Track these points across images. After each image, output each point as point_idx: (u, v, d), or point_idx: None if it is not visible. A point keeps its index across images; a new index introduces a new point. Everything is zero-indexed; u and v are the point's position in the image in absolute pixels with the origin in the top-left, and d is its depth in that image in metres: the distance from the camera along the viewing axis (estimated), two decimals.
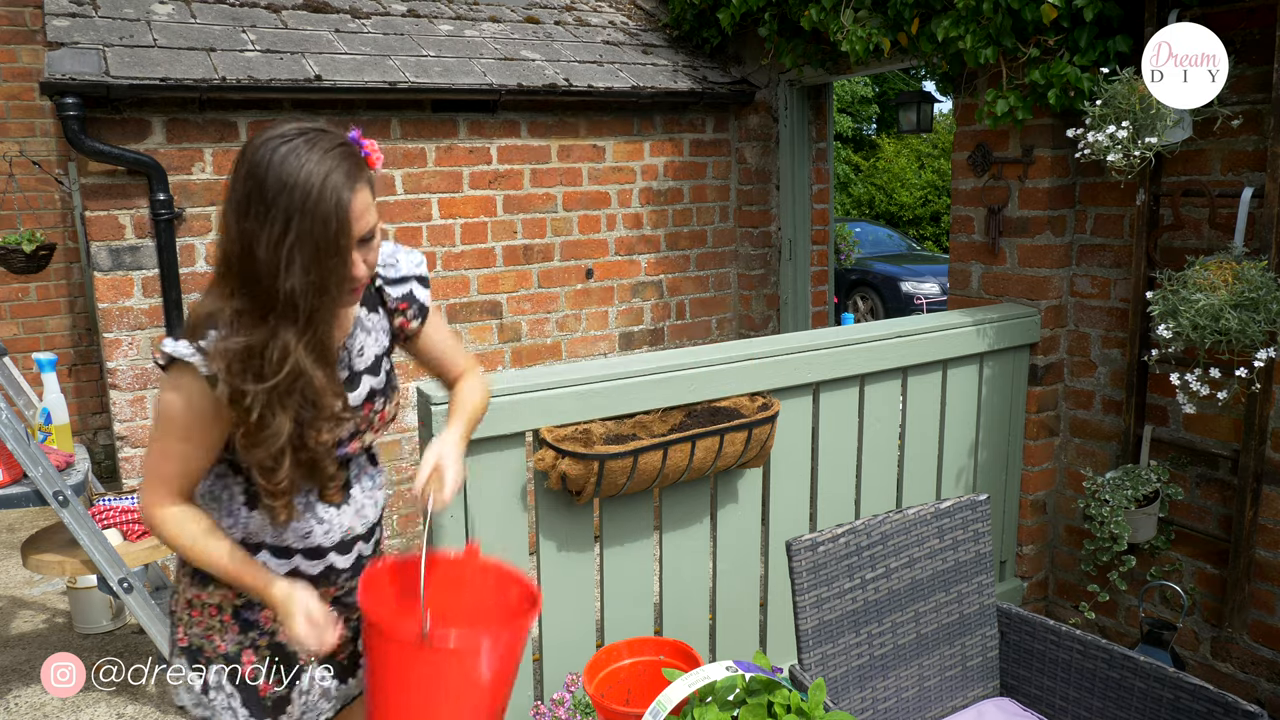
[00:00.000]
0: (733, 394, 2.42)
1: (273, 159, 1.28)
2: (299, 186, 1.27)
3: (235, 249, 1.31)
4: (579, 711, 2.15)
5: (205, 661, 1.56)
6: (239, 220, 1.30)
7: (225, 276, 1.35)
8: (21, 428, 2.48)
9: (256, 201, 1.28)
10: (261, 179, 1.28)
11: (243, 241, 1.29)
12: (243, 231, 1.29)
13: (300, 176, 1.28)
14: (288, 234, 1.27)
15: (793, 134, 4.29)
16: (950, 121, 17.23)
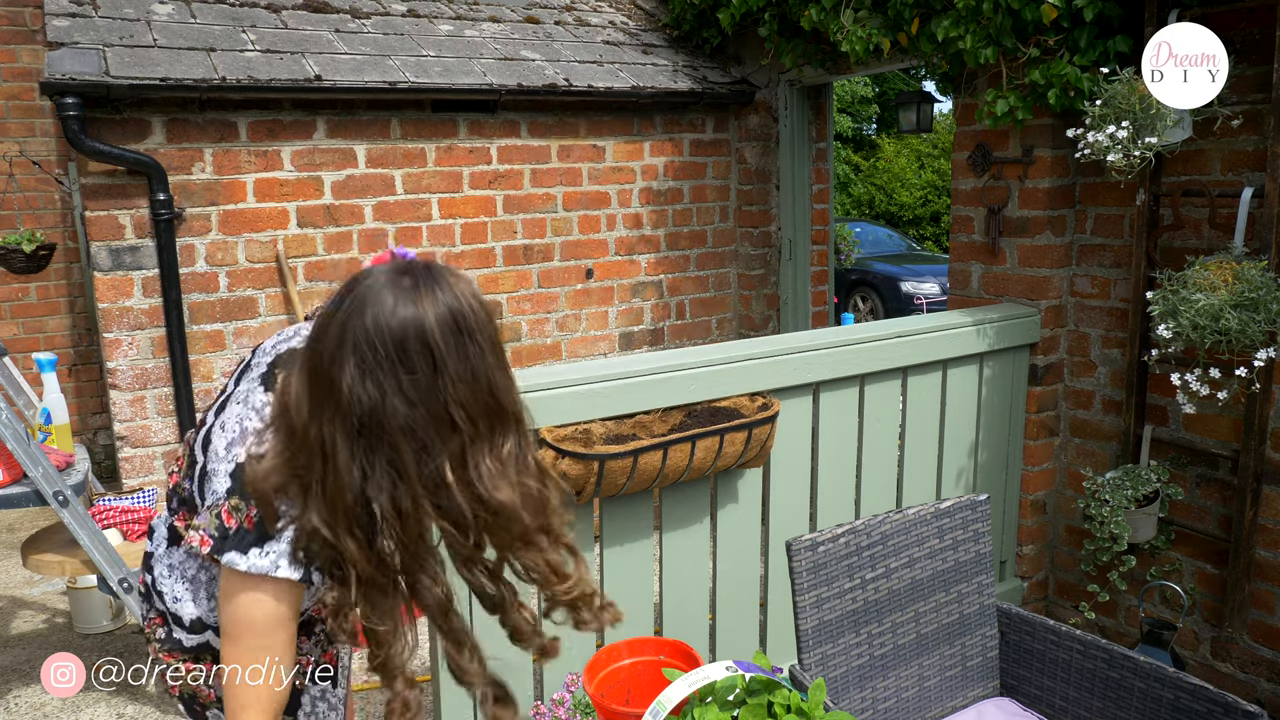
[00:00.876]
0: (733, 394, 2.42)
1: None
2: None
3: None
4: (579, 711, 2.15)
5: (201, 707, 1.49)
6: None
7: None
8: (21, 428, 2.48)
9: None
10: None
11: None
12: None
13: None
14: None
15: (793, 134, 4.29)
16: (950, 121, 17.24)
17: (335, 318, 1.12)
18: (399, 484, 1.12)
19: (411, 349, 1.10)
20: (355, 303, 1.12)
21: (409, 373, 1.10)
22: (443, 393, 1.11)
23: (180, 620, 1.39)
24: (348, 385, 1.09)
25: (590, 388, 2.21)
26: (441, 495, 1.13)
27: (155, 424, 3.36)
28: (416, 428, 1.10)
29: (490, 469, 1.14)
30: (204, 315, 3.41)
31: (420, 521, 1.14)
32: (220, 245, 3.40)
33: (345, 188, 3.61)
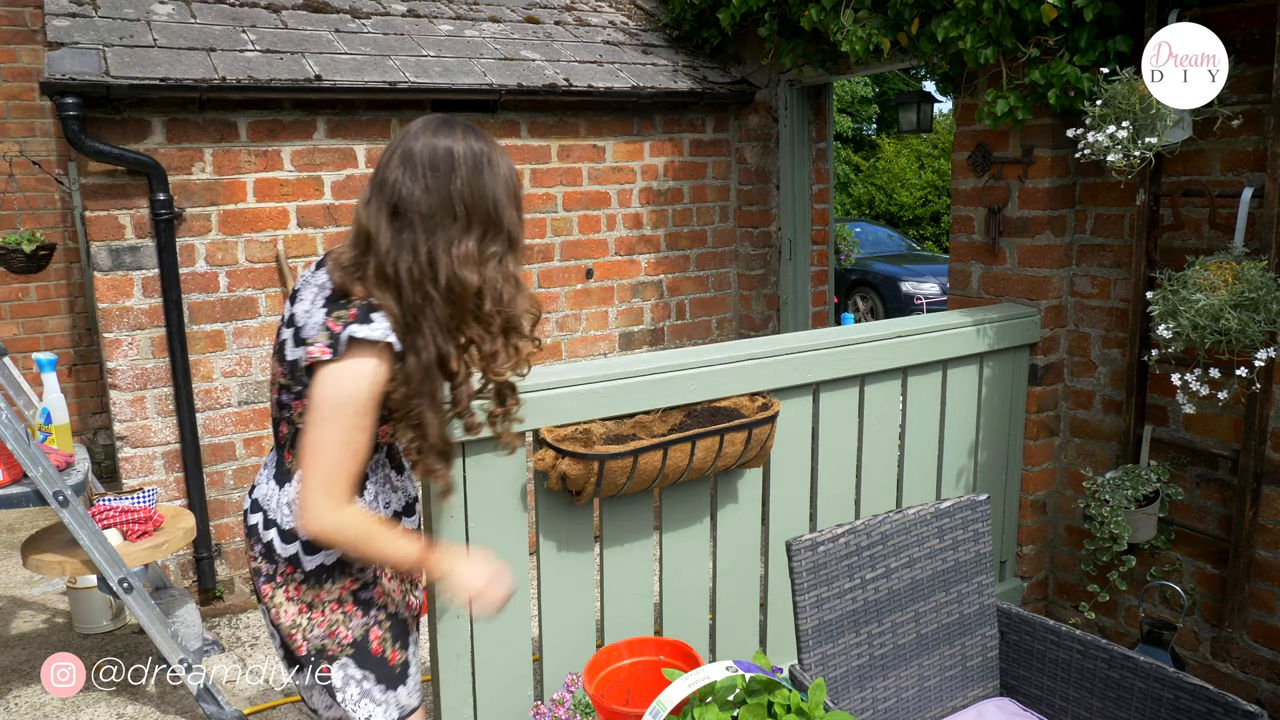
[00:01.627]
0: (733, 394, 2.42)
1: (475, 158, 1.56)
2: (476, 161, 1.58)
3: (478, 202, 1.55)
4: (579, 711, 2.15)
5: (329, 661, 1.65)
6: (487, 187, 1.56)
7: (471, 222, 1.57)
8: (21, 428, 2.48)
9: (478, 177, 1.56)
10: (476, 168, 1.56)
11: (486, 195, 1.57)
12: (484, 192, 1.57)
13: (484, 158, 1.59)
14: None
15: (793, 134, 4.29)
16: (950, 121, 17.23)
17: (393, 141, 1.56)
18: (413, 257, 1.49)
19: (440, 160, 1.51)
20: (410, 131, 1.55)
21: (434, 171, 1.51)
22: (451, 189, 1.51)
23: (300, 538, 1.61)
24: (392, 179, 1.51)
25: (590, 388, 2.21)
26: (435, 266, 1.50)
27: (155, 424, 3.36)
28: (430, 214, 1.50)
29: (468, 253, 1.51)
30: (204, 315, 3.41)
31: (424, 288, 1.50)
32: (220, 245, 3.40)
33: (345, 188, 3.61)
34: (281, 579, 1.63)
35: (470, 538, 2.13)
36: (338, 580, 1.64)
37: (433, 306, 1.50)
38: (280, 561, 1.63)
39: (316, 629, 1.63)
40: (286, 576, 1.63)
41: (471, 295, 1.52)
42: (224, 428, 3.49)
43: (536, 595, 2.29)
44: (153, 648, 3.14)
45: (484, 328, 1.57)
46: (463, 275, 1.50)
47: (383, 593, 1.69)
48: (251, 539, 1.67)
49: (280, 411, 1.61)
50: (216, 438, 3.48)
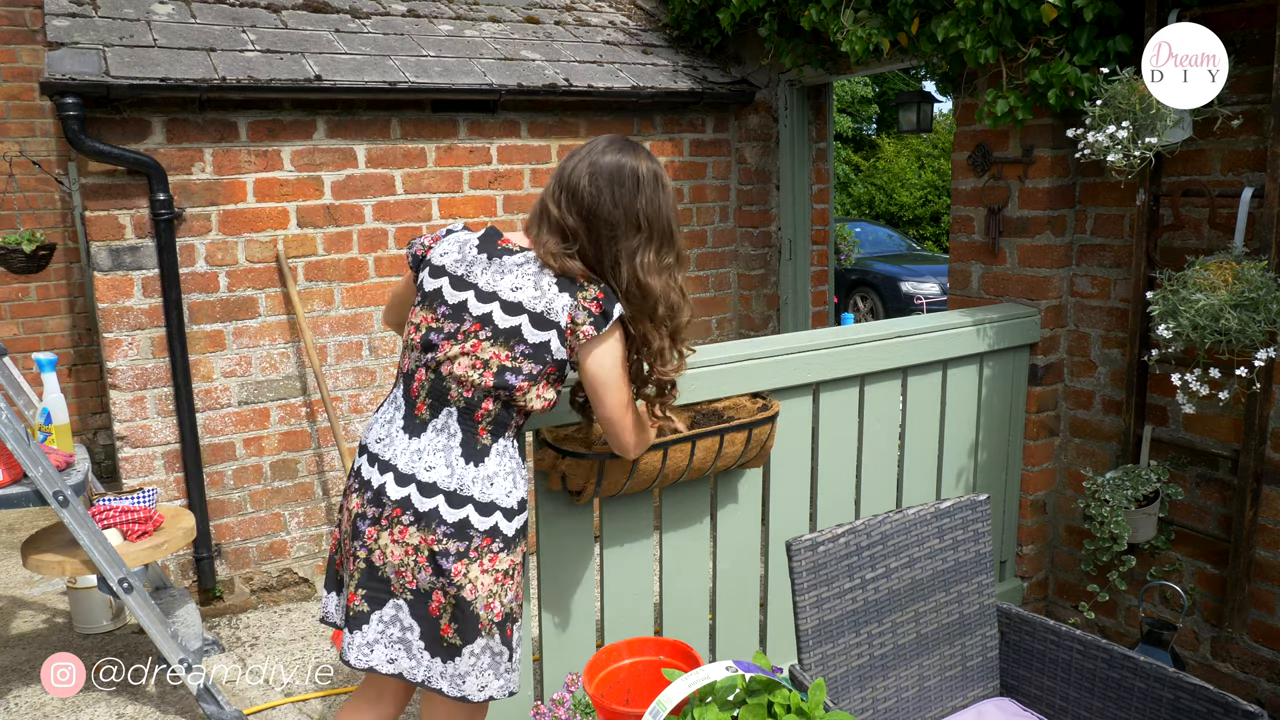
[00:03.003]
0: (733, 394, 2.42)
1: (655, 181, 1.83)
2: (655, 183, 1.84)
3: (664, 224, 1.83)
4: (579, 711, 2.15)
5: (512, 624, 1.81)
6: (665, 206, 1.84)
7: (659, 236, 1.82)
8: (21, 428, 2.48)
9: (659, 194, 1.82)
10: (654, 184, 1.83)
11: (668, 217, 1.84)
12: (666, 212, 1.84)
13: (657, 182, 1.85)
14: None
15: (793, 134, 4.29)
16: (950, 121, 17.23)
17: (577, 154, 1.80)
18: (602, 253, 1.78)
19: (625, 175, 1.77)
20: (593, 146, 1.81)
21: (620, 187, 1.76)
22: (636, 205, 1.77)
23: (500, 506, 1.78)
24: (583, 188, 1.76)
25: None
26: (619, 268, 1.77)
27: (155, 424, 3.36)
28: (615, 222, 1.76)
29: (651, 263, 1.78)
30: (204, 315, 3.41)
31: (614, 280, 1.79)
32: (220, 245, 3.40)
33: (345, 188, 3.61)
34: (475, 553, 1.74)
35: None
36: (520, 545, 1.83)
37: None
38: (476, 536, 1.74)
39: (509, 593, 1.79)
40: (482, 550, 1.74)
41: (653, 298, 1.77)
42: (224, 428, 3.49)
43: (537, 595, 2.29)
44: (153, 648, 3.14)
45: (656, 328, 1.81)
46: (646, 280, 1.76)
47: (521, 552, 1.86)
48: (427, 523, 1.73)
49: (497, 391, 1.75)
50: (216, 438, 3.48)
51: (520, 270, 1.77)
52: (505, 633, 1.79)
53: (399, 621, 1.77)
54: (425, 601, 1.75)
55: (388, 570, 1.76)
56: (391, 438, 1.80)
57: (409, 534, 1.74)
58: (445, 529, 1.73)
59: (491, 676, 1.78)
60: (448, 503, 1.73)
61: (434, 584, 1.74)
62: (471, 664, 1.75)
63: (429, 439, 1.76)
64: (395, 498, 1.75)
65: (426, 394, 1.77)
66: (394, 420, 1.81)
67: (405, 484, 1.75)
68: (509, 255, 1.79)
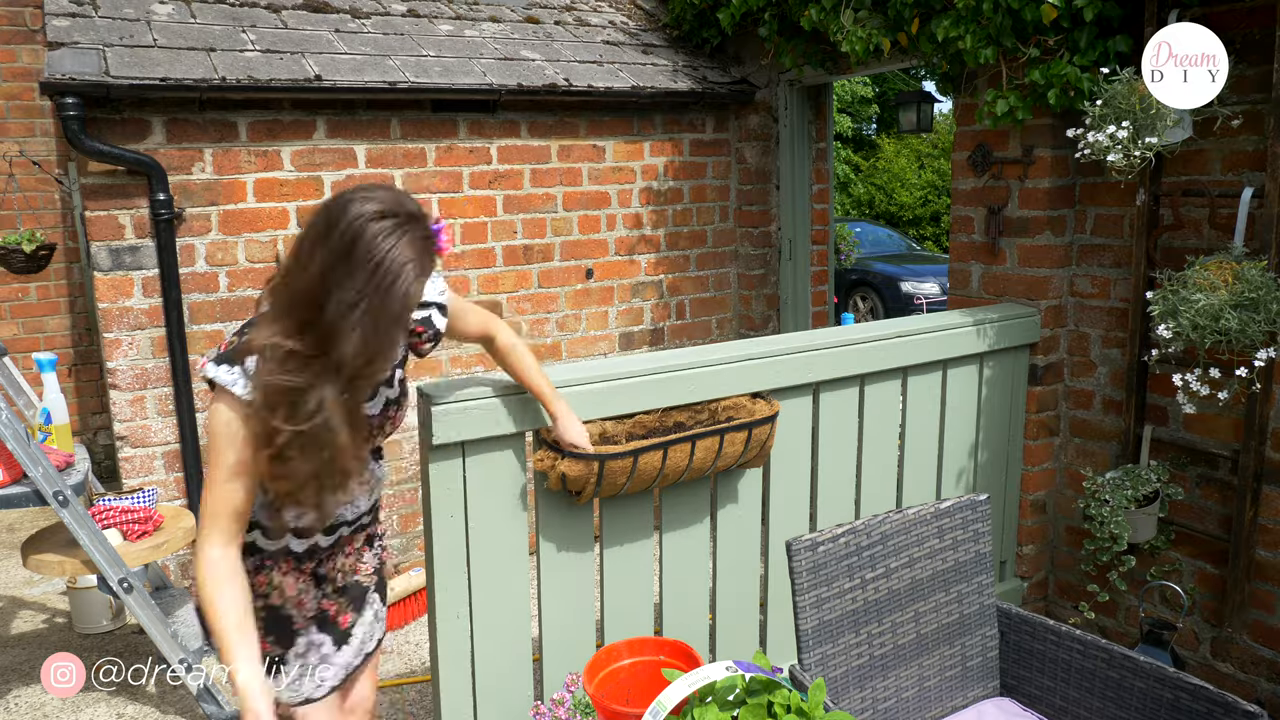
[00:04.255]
0: (733, 394, 2.42)
1: (366, 233, 1.40)
2: (382, 269, 1.39)
3: (304, 299, 1.41)
4: (579, 711, 2.15)
5: (292, 634, 1.75)
6: (320, 276, 1.40)
7: (285, 316, 1.44)
8: (21, 428, 2.48)
9: (341, 266, 1.40)
10: (349, 248, 1.40)
11: (314, 295, 1.40)
12: (318, 288, 1.40)
13: (386, 260, 1.39)
14: (358, 306, 1.38)
15: (793, 134, 4.29)
16: (950, 121, 17.23)
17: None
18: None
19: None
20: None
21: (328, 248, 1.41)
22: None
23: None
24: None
25: (590, 388, 2.21)
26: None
27: (155, 424, 3.36)
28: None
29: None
30: (204, 315, 3.40)
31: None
32: (220, 245, 3.40)
33: (345, 187, 3.60)
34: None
35: (470, 538, 2.13)
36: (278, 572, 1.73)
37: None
38: None
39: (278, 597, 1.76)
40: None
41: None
42: None
43: (536, 595, 2.29)
44: (153, 648, 3.14)
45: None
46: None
47: (265, 583, 1.71)
48: None
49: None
50: None
51: None
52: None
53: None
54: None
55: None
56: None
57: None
58: None
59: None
60: None
61: None
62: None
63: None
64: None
65: None
66: None
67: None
68: None
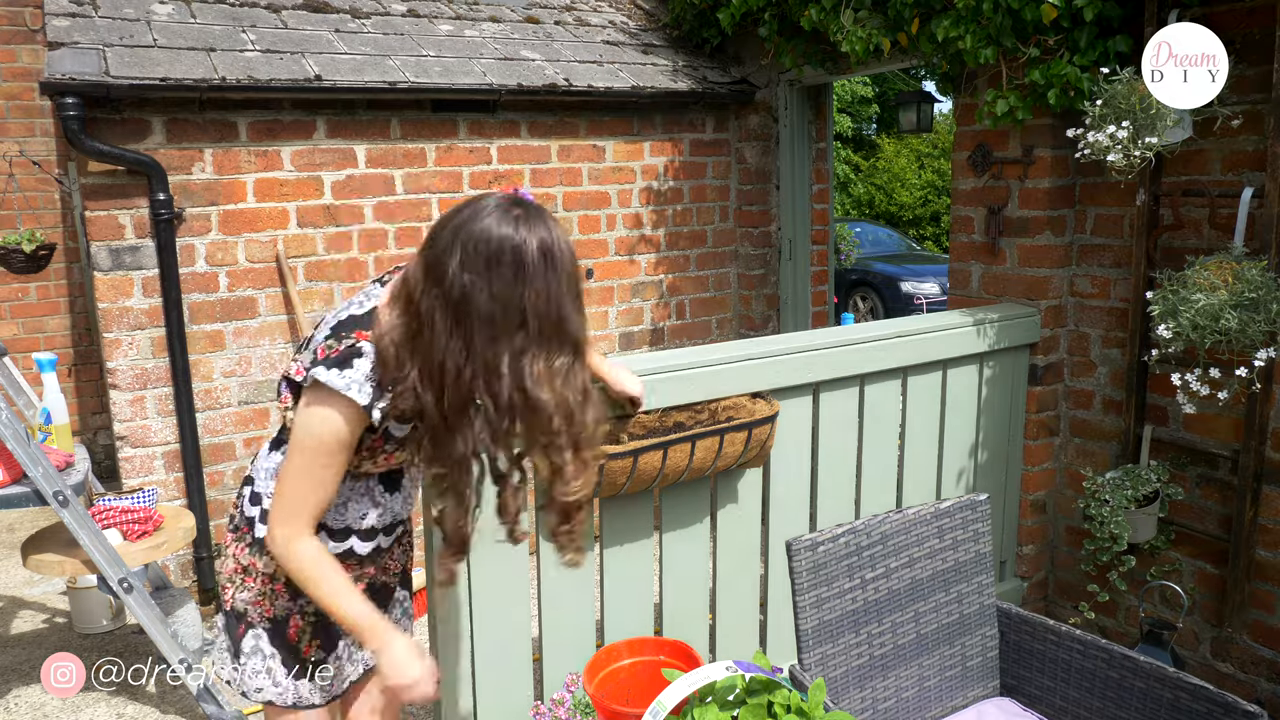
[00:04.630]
0: (733, 394, 2.42)
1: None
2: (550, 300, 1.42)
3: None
4: (579, 711, 2.15)
5: (246, 626, 1.68)
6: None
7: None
8: (21, 428, 2.48)
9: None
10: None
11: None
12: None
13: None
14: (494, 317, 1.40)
15: (793, 134, 4.29)
16: (950, 121, 17.23)
17: (451, 222, 1.42)
18: (467, 357, 1.39)
19: (505, 259, 1.37)
20: (470, 213, 1.41)
21: (499, 275, 1.37)
22: (520, 299, 1.38)
23: (262, 505, 1.65)
24: (452, 272, 1.38)
25: None
26: (494, 376, 1.40)
27: (155, 424, 3.36)
28: (493, 319, 1.38)
29: (539, 371, 1.41)
30: (204, 315, 3.40)
31: (471, 389, 1.41)
32: (220, 245, 3.40)
33: (345, 188, 3.61)
34: (236, 534, 1.69)
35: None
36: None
37: (486, 413, 1.43)
38: (241, 518, 1.69)
39: (246, 593, 1.68)
40: (240, 535, 1.68)
41: (544, 414, 1.42)
42: (224, 428, 3.49)
43: (536, 595, 2.29)
44: (153, 648, 3.14)
45: (551, 442, 1.46)
46: (535, 394, 1.40)
47: None
48: (241, 484, 1.73)
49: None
50: (216, 438, 3.48)
51: (360, 297, 1.60)
52: (236, 630, 1.70)
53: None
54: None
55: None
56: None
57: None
58: (241, 492, 1.73)
59: (265, 679, 1.71)
60: (248, 477, 1.72)
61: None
62: (244, 662, 1.73)
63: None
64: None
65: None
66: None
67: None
68: (378, 285, 1.62)
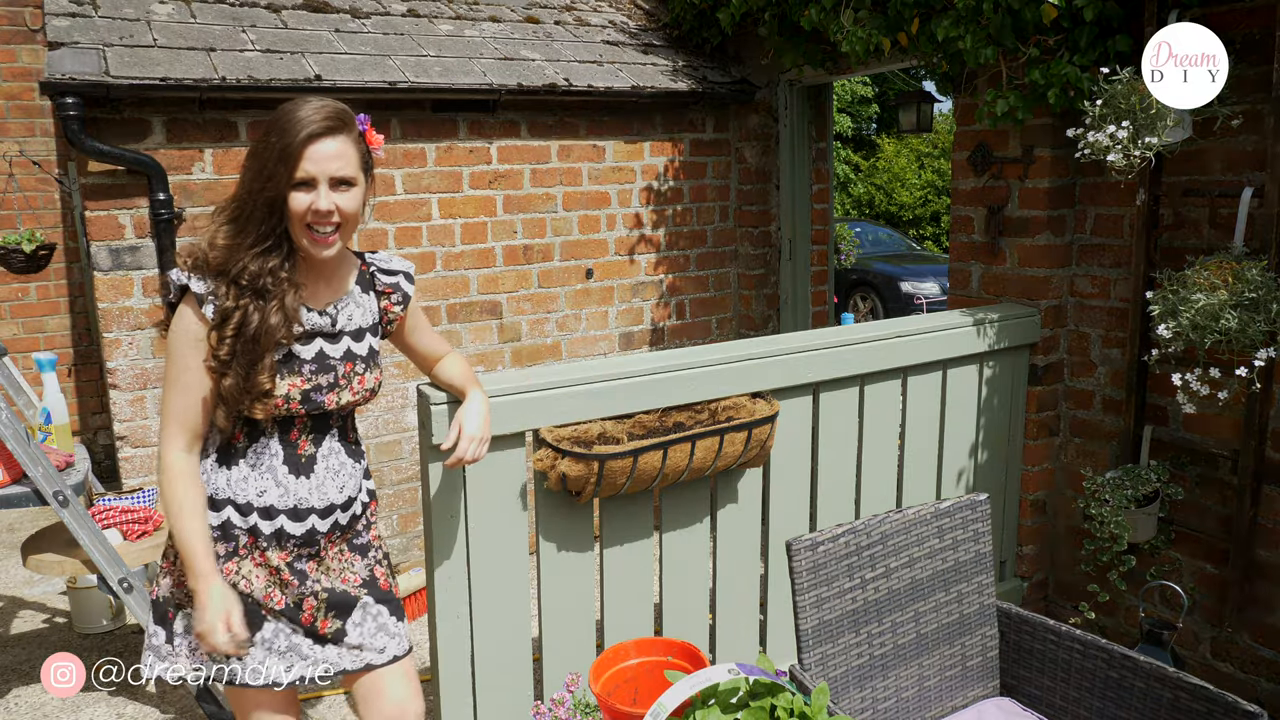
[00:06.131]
0: (733, 394, 2.42)
1: (280, 108, 1.66)
2: (279, 118, 1.64)
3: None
4: (579, 711, 2.15)
5: (175, 608, 1.74)
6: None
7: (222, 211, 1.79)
8: (21, 428, 2.48)
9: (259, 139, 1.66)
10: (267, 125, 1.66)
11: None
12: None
13: (283, 113, 1.64)
14: (255, 150, 1.66)
15: (793, 134, 4.29)
16: (950, 121, 17.22)
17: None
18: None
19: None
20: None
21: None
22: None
23: None
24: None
25: (590, 388, 2.21)
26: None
27: (155, 424, 3.36)
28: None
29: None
30: None
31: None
32: None
33: None
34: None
35: (470, 537, 2.13)
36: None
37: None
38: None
39: (167, 578, 1.76)
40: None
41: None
42: None
43: (536, 595, 2.29)
44: None
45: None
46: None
47: (233, 570, 1.72)
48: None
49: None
50: None
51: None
52: (167, 617, 1.77)
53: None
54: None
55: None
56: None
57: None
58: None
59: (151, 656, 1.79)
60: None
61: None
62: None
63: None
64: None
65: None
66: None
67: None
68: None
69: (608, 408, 2.24)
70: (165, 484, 1.66)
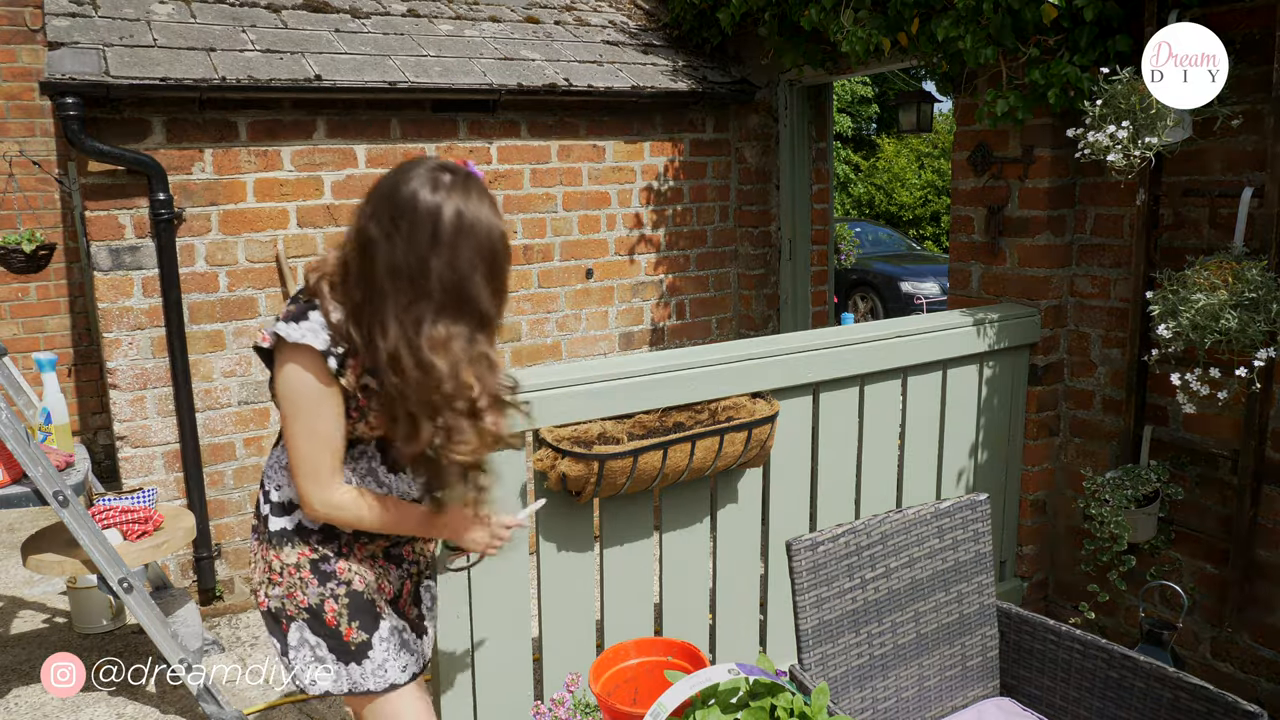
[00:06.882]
0: (733, 394, 2.42)
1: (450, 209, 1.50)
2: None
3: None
4: (579, 711, 2.15)
5: (288, 621, 1.71)
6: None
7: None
8: (21, 428, 2.48)
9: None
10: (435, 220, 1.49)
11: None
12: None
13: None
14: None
15: (793, 134, 4.29)
16: (950, 121, 17.22)
17: (386, 177, 1.53)
18: (366, 302, 1.51)
19: (419, 221, 1.47)
20: (400, 171, 1.52)
21: (403, 231, 1.47)
22: (421, 260, 1.47)
23: (270, 500, 1.71)
24: (363, 221, 1.51)
25: (590, 388, 2.21)
26: (382, 330, 1.50)
27: (155, 424, 3.36)
28: (394, 272, 1.48)
29: (434, 336, 1.49)
30: (204, 315, 3.40)
31: (374, 341, 1.51)
32: (220, 245, 3.40)
33: (345, 188, 3.60)
34: (257, 535, 1.75)
35: None
36: (296, 546, 1.69)
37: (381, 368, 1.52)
38: (258, 518, 1.75)
39: (276, 588, 1.70)
40: (260, 535, 1.74)
41: (434, 377, 1.49)
42: (224, 428, 3.49)
43: (536, 595, 2.29)
44: (153, 648, 3.14)
45: (443, 405, 1.52)
46: (425, 356, 1.49)
47: (346, 569, 1.71)
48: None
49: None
50: (216, 438, 3.48)
51: None
52: (280, 628, 1.73)
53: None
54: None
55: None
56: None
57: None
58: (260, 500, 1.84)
59: (319, 669, 1.73)
60: (262, 480, 1.84)
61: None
62: (295, 656, 1.76)
63: None
64: None
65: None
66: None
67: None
68: None
69: (608, 408, 2.24)
70: (360, 514, 1.63)
